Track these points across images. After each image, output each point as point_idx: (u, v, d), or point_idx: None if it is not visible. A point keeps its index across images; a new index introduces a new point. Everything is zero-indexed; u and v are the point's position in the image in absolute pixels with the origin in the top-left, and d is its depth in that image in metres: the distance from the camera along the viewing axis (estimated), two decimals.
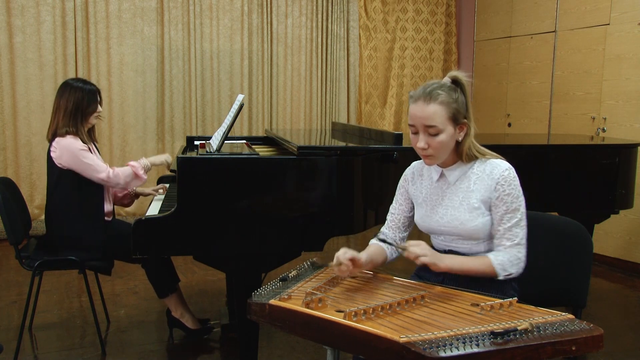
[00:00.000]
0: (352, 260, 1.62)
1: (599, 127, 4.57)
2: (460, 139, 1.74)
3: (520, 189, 1.74)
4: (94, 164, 2.78)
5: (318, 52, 6.01)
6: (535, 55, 5.24)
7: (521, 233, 1.73)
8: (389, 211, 1.98)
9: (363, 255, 1.69)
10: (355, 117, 6.29)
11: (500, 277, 1.70)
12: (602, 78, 4.56)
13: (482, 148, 1.80)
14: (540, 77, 5.20)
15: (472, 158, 1.78)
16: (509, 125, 5.54)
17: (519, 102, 5.46)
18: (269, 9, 5.79)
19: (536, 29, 5.22)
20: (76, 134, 2.82)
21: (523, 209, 1.74)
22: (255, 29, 5.76)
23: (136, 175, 2.88)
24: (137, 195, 3.15)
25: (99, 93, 2.94)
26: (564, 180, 3.06)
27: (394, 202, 1.98)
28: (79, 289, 3.83)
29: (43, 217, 4.94)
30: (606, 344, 1.33)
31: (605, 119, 4.53)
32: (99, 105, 2.91)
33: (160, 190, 3.13)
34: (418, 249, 1.61)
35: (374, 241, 1.88)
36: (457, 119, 1.71)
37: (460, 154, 1.77)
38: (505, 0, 5.59)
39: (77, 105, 2.82)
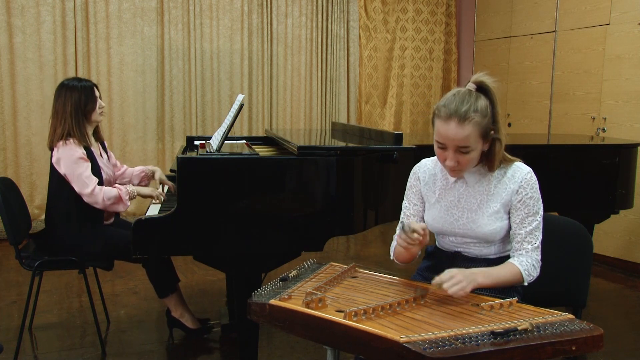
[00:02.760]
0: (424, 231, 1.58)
1: (599, 127, 4.57)
2: (486, 149, 1.70)
3: (539, 192, 1.73)
4: (83, 177, 2.70)
5: (318, 52, 6.01)
6: (535, 55, 5.24)
7: (540, 236, 1.73)
8: (403, 212, 1.91)
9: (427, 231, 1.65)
10: (355, 117, 6.30)
11: (526, 283, 1.70)
12: (602, 78, 4.56)
13: (506, 155, 1.76)
14: (540, 77, 5.20)
15: (497, 167, 1.74)
16: (509, 125, 5.54)
17: (519, 102, 5.46)
18: (269, 9, 5.79)
19: (536, 29, 5.23)
20: (81, 136, 2.77)
21: (542, 212, 1.74)
22: (255, 29, 5.76)
23: (120, 199, 2.76)
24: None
25: (97, 88, 2.88)
26: (564, 180, 3.06)
27: (406, 202, 1.91)
28: (79, 289, 3.83)
29: (43, 217, 4.94)
30: (606, 344, 1.33)
31: (605, 119, 4.53)
32: (98, 100, 2.86)
33: (160, 197, 2.96)
34: (454, 285, 1.48)
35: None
36: (487, 134, 1.67)
37: (490, 164, 1.72)
38: (505, 0, 5.59)
39: (75, 106, 2.77)
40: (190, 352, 2.96)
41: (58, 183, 2.78)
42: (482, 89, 1.68)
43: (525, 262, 1.69)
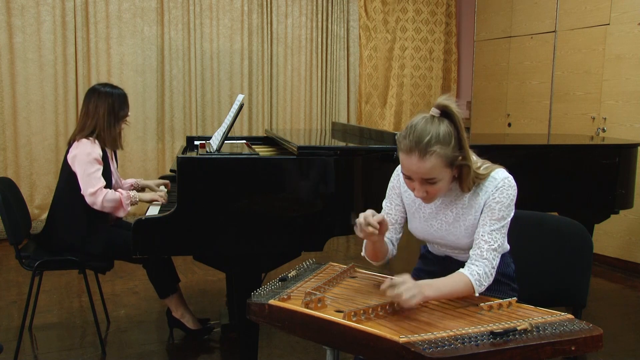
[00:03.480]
0: (380, 223, 1.57)
1: (599, 127, 4.57)
2: (456, 174, 1.64)
3: (512, 199, 1.65)
4: (93, 177, 2.73)
5: (318, 52, 6.01)
6: (535, 55, 5.24)
7: (500, 240, 1.63)
8: (383, 209, 1.89)
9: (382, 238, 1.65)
10: (355, 117, 6.30)
11: (477, 294, 1.57)
12: (602, 78, 4.56)
13: (480, 171, 1.66)
14: (540, 77, 5.20)
15: (470, 188, 1.68)
16: (509, 125, 5.54)
17: (519, 102, 5.46)
18: (269, 9, 5.79)
19: (536, 29, 5.22)
20: (110, 138, 2.83)
21: (508, 220, 1.66)
22: (255, 29, 5.76)
23: (120, 204, 2.79)
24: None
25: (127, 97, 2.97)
26: (564, 180, 3.06)
27: (387, 200, 1.89)
28: (79, 289, 3.83)
29: (43, 217, 4.94)
30: (606, 344, 1.33)
31: (605, 119, 4.53)
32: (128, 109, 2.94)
33: (163, 199, 2.95)
34: (407, 291, 1.40)
35: None
36: (454, 162, 1.59)
37: (462, 185, 1.66)
38: (505, 0, 5.59)
39: (109, 108, 2.83)
40: (190, 352, 2.96)
41: (68, 179, 2.80)
42: (446, 113, 1.59)
43: (476, 271, 1.58)
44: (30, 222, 3.06)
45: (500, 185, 1.64)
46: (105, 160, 2.82)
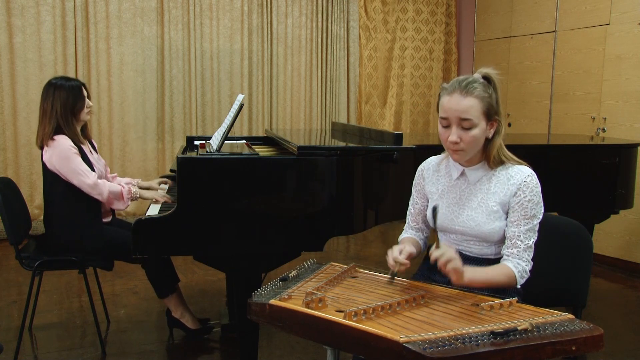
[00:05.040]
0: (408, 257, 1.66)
1: (599, 127, 4.57)
2: (490, 135, 1.72)
3: (540, 196, 1.73)
4: (79, 170, 2.71)
5: (318, 52, 6.01)
6: (535, 55, 5.24)
7: (534, 238, 1.72)
8: (408, 210, 1.97)
9: (413, 250, 1.71)
10: (355, 117, 6.30)
11: (519, 286, 1.70)
12: (602, 78, 4.56)
13: (509, 153, 1.78)
14: (540, 77, 5.20)
15: (497, 163, 1.76)
16: (509, 125, 5.54)
17: (519, 102, 5.46)
18: (269, 9, 5.79)
19: (536, 29, 5.23)
20: (70, 134, 2.77)
21: (540, 216, 1.73)
22: (255, 29, 5.76)
23: (121, 197, 2.80)
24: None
25: (85, 87, 2.87)
26: (564, 180, 3.06)
27: (411, 200, 1.97)
28: (79, 289, 3.83)
29: (43, 217, 4.94)
30: (606, 344, 1.33)
31: (605, 119, 4.53)
32: (87, 100, 2.85)
33: (162, 200, 2.91)
34: (448, 254, 1.53)
35: (405, 235, 1.94)
36: (490, 114, 1.70)
37: (488, 157, 1.75)
38: (505, 0, 5.59)
39: (63, 105, 2.76)
40: (190, 352, 2.96)
41: (52, 181, 2.78)
42: (487, 79, 1.73)
43: (519, 263, 1.69)
44: (30, 222, 3.06)
45: (528, 181, 1.71)
46: (82, 153, 2.79)
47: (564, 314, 1.39)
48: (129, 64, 5.33)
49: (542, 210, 1.74)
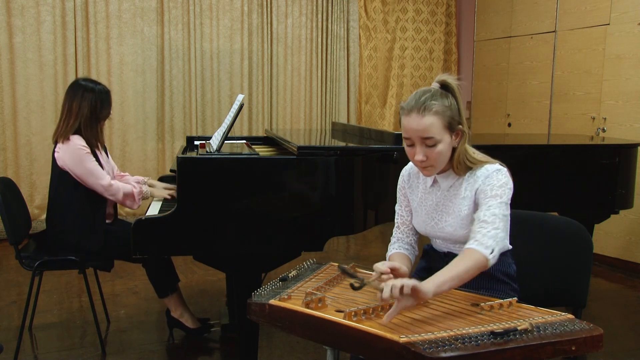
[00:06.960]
0: (393, 270, 1.55)
1: (599, 127, 4.57)
2: (457, 144, 1.69)
3: (504, 183, 1.65)
4: (95, 171, 2.74)
5: (318, 52, 6.01)
6: (535, 55, 5.24)
7: (499, 209, 1.61)
8: (397, 213, 1.93)
9: (402, 267, 1.59)
10: (355, 117, 6.30)
11: (490, 260, 1.54)
12: (602, 78, 4.56)
13: (475, 156, 1.72)
14: (540, 77, 5.19)
15: (464, 169, 1.72)
16: (509, 125, 5.54)
17: (519, 102, 5.46)
18: (269, 9, 5.79)
19: (536, 29, 5.22)
20: (92, 138, 2.79)
21: (506, 199, 1.64)
22: (255, 29, 5.76)
23: (132, 197, 2.82)
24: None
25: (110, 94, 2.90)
26: (564, 180, 3.06)
27: (398, 203, 1.94)
28: (79, 289, 3.83)
29: (43, 217, 4.94)
30: (606, 344, 1.33)
31: (605, 119, 4.53)
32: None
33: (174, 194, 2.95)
34: (392, 283, 1.35)
35: (393, 250, 1.87)
36: (453, 126, 1.65)
37: (453, 165, 1.71)
38: (505, 0, 5.59)
39: (92, 109, 2.77)
40: (190, 352, 2.96)
41: (59, 178, 2.79)
42: (445, 87, 1.68)
43: (480, 238, 1.56)
44: (30, 222, 3.06)
45: (490, 174, 1.68)
46: (93, 154, 2.80)
47: (563, 314, 1.39)
48: (129, 64, 5.33)
49: (509, 194, 1.65)
